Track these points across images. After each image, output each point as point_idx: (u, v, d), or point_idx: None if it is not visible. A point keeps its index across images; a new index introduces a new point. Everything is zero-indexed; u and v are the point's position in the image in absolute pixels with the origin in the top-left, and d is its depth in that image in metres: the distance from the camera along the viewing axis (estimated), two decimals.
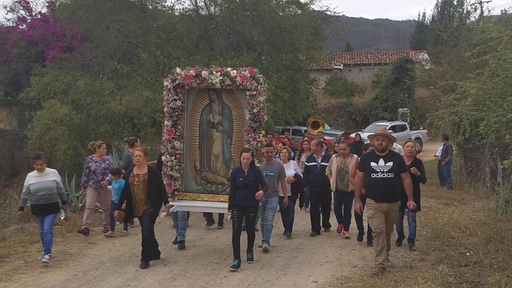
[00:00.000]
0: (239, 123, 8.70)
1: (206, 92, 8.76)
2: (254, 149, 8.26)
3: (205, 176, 8.91)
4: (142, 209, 8.15)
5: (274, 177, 9.04)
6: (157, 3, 26.85)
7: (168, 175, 8.71)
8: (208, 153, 8.89)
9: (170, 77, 8.59)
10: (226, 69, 8.40)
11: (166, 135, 8.73)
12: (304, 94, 28.49)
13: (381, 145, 7.45)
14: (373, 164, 7.42)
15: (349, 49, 52.90)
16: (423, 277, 6.83)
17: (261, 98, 8.32)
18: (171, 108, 8.63)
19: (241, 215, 7.96)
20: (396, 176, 7.38)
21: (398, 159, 7.57)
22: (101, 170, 10.29)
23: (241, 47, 25.18)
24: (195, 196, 8.89)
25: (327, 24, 28.83)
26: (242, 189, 7.90)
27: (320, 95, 36.93)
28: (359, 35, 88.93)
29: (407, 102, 33.74)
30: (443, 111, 12.26)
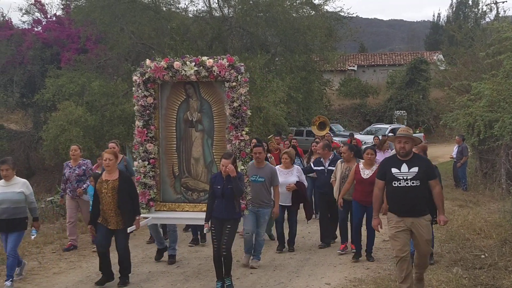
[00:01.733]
0: (220, 120, 7.60)
1: (182, 87, 7.69)
2: (236, 150, 7.21)
3: (185, 183, 7.82)
4: (114, 222, 7.00)
5: (264, 183, 7.96)
6: (171, 5, 27.04)
7: (142, 183, 7.61)
8: (187, 156, 7.81)
9: (139, 70, 7.54)
10: (201, 59, 7.29)
11: (137, 137, 7.62)
12: (317, 95, 28.50)
13: (404, 149, 6.14)
14: (394, 171, 6.14)
15: (363, 50, 52.69)
16: (437, 279, 6.78)
17: (242, 90, 7.18)
18: (142, 106, 7.54)
19: (219, 230, 6.84)
20: (422, 184, 6.07)
21: (425, 163, 6.22)
22: (75, 177, 9.12)
23: (254, 48, 25.24)
24: (175, 206, 7.83)
25: (340, 25, 28.83)
26: (219, 199, 6.81)
27: (334, 96, 36.86)
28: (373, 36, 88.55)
29: (421, 103, 33.56)
30: (457, 112, 12.20)
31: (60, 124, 21.20)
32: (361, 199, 8.17)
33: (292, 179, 8.76)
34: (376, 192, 6.39)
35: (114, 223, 6.98)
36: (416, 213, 6.08)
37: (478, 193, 14.71)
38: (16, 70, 28.00)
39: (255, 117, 19.59)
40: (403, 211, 6.08)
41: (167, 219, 7.94)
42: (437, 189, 6.20)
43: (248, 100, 7.41)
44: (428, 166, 6.25)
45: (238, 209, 6.95)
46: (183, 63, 7.32)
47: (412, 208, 6.05)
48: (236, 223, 6.95)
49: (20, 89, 28.32)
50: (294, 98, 23.37)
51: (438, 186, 6.24)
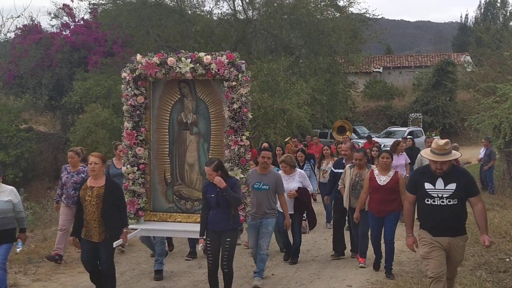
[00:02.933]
0: (218, 123, 6.91)
1: (176, 85, 7.00)
2: (235, 156, 6.55)
3: (178, 191, 7.10)
4: (96, 233, 6.17)
5: (269, 191, 7.28)
6: (196, 8, 27.33)
7: (130, 190, 6.93)
8: (180, 161, 7.10)
9: (129, 66, 6.85)
10: (198, 55, 6.60)
11: (125, 140, 6.91)
12: (342, 97, 28.39)
13: (441, 170, 5.38)
14: (428, 187, 5.40)
15: (389, 52, 52.27)
16: (460, 282, 6.70)
17: (243, 90, 6.48)
18: (131, 106, 6.83)
19: (216, 243, 6.22)
20: (461, 203, 5.37)
21: (465, 178, 5.44)
22: (72, 184, 8.25)
23: (278, 50, 25.32)
24: (166, 216, 7.10)
25: (366, 27, 28.68)
26: (214, 209, 6.18)
27: (359, 98, 36.65)
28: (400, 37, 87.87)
29: (448, 105, 33.15)
30: (483, 114, 12.02)
31: (87, 126, 21.57)
32: (378, 209, 7.48)
33: (293, 185, 8.07)
34: (407, 207, 5.74)
35: (97, 234, 6.15)
36: (453, 232, 5.45)
37: (505, 197, 14.45)
38: (45, 73, 28.55)
39: (279, 118, 19.65)
40: (438, 232, 5.44)
41: (158, 231, 7.17)
42: (479, 207, 5.38)
43: (249, 101, 6.73)
44: (469, 181, 5.46)
45: (237, 219, 6.31)
46: (178, 59, 6.64)
47: (448, 228, 5.42)
48: (235, 235, 6.39)
49: (48, 91, 28.86)
50: (318, 100, 23.34)
51: (480, 203, 5.41)
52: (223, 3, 27.46)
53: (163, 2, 26.21)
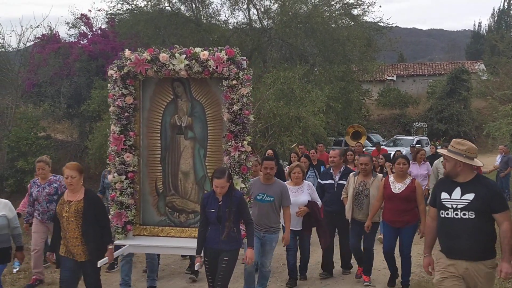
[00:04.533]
0: (216, 126, 6.21)
1: (169, 84, 6.31)
2: (235, 163, 5.84)
3: (171, 202, 6.40)
4: (79, 252, 5.52)
5: (273, 203, 6.61)
6: (211, 17, 27.62)
7: (117, 201, 6.20)
8: (174, 169, 6.38)
9: (116, 63, 6.21)
10: (194, 50, 5.92)
11: (112, 145, 6.17)
12: (356, 105, 28.55)
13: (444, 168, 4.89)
14: (443, 196, 4.70)
15: (402, 60, 52.40)
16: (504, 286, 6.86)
17: (244, 90, 5.79)
18: (119, 107, 6.11)
19: (215, 263, 5.52)
20: (481, 218, 4.50)
21: (488, 189, 4.56)
22: (45, 196, 7.48)
23: (293, 59, 25.56)
24: (158, 230, 6.40)
25: (380, 35, 28.85)
26: (214, 225, 5.44)
27: (373, 106, 36.80)
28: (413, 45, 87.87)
29: (463, 113, 33.17)
30: (500, 121, 12.13)
31: (105, 133, 21.82)
32: (393, 219, 6.94)
33: (303, 198, 7.24)
34: (429, 223, 5.00)
35: (81, 253, 5.50)
36: (472, 255, 4.52)
37: None
38: (63, 82, 28.99)
39: (294, 126, 19.82)
40: (452, 253, 4.63)
41: (148, 248, 6.44)
42: (504, 227, 4.45)
43: (251, 102, 6.03)
44: (493, 193, 4.55)
45: (239, 237, 5.58)
46: (171, 55, 5.94)
47: (465, 249, 4.52)
48: (235, 255, 5.56)
49: (66, 100, 29.28)
50: (333, 108, 23.51)
51: (507, 222, 4.45)
52: (238, 13, 27.80)
53: (179, 11, 26.59)
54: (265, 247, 6.66)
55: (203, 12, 27.57)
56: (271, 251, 6.76)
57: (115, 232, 6.16)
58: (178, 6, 26.73)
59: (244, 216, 5.49)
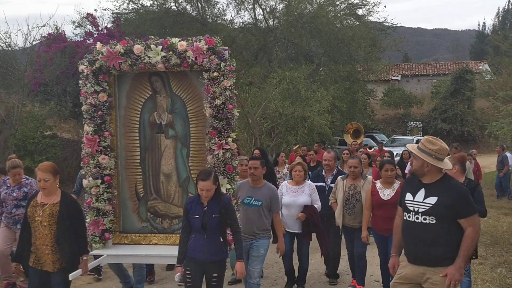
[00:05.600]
0: (198, 123, 5.73)
1: (147, 79, 5.81)
2: (220, 163, 5.37)
3: (153, 207, 5.91)
4: (49, 261, 4.89)
5: (261, 208, 6.04)
6: (217, 17, 27.80)
7: (93, 208, 5.69)
8: (155, 171, 5.88)
9: (87, 57, 5.62)
10: (170, 41, 5.42)
11: (86, 147, 5.64)
12: (361, 105, 28.71)
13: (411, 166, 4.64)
14: (408, 197, 4.48)
15: (407, 60, 52.55)
16: (482, 279, 7.06)
17: (227, 83, 5.32)
18: (92, 106, 5.60)
19: (197, 274, 4.95)
20: (441, 223, 4.23)
21: (453, 194, 4.25)
22: (13, 200, 6.95)
23: (299, 59, 25.73)
24: (140, 238, 5.89)
25: (384, 35, 28.99)
26: (198, 233, 4.89)
27: (378, 106, 36.97)
28: (417, 45, 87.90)
29: (466, 113, 33.30)
30: (502, 121, 12.29)
31: None
32: (385, 227, 6.31)
33: (302, 199, 6.80)
34: (397, 222, 4.73)
35: (50, 263, 4.89)
36: (431, 261, 4.28)
37: None
38: (70, 81, 29.20)
39: (300, 126, 20.02)
40: (412, 257, 4.43)
41: (128, 257, 5.85)
42: (468, 232, 4.20)
43: (235, 96, 5.61)
44: (458, 198, 4.22)
45: (226, 246, 5.02)
46: (146, 46, 5.45)
47: (424, 255, 4.30)
48: (223, 267, 5.03)
49: (72, 99, 29.50)
50: (338, 107, 23.68)
51: (471, 228, 4.20)
52: (244, 12, 27.97)
53: (185, 11, 26.79)
54: (253, 254, 5.98)
55: (208, 11, 27.75)
56: (259, 259, 5.99)
57: (92, 241, 5.67)
58: (184, 6, 26.92)
59: (232, 224, 4.98)
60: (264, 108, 18.12)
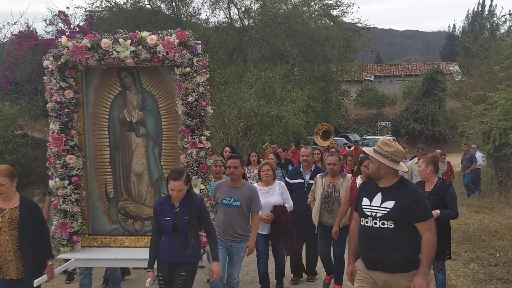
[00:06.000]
0: (171, 120, 5.50)
1: (116, 75, 5.55)
2: (193, 162, 5.16)
3: (124, 208, 5.64)
4: (13, 269, 4.68)
5: (240, 208, 5.79)
6: (192, 15, 27.76)
7: (61, 210, 5.42)
8: (125, 171, 5.62)
9: (52, 52, 5.35)
10: (140, 35, 5.17)
11: (52, 146, 5.37)
12: (335, 105, 29.05)
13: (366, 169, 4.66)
14: (364, 202, 4.30)
15: (379, 61, 53.18)
16: (455, 274, 7.26)
17: (200, 79, 5.08)
18: (57, 103, 5.32)
19: (169, 278, 4.74)
20: (399, 227, 4.08)
21: (410, 197, 4.12)
22: None
23: (274, 59, 25.90)
24: (110, 241, 5.64)
25: (358, 36, 29.36)
26: (169, 235, 4.66)
27: (351, 106, 37.39)
28: (389, 46, 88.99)
29: (437, 113, 33.89)
30: (474, 121, 12.60)
31: None
32: None
33: (274, 200, 6.52)
34: (353, 228, 4.52)
35: (14, 270, 4.68)
36: (390, 267, 4.12)
37: (493, 200, 15.06)
38: (41, 79, 28.49)
39: (275, 125, 20.16)
40: (370, 264, 4.24)
41: (98, 261, 5.61)
42: (426, 236, 4.06)
43: (209, 93, 5.34)
44: (415, 202, 4.11)
45: (198, 248, 4.81)
46: (114, 40, 5.18)
47: (383, 261, 4.13)
48: (194, 269, 4.83)
49: (44, 98, 29.05)
50: (313, 107, 23.92)
51: (429, 232, 4.07)
52: (219, 12, 28.08)
53: (159, 10, 26.70)
54: (232, 258, 5.87)
55: (183, 10, 27.72)
56: (239, 261, 5.97)
57: (59, 245, 5.44)
58: (158, 5, 26.85)
59: (205, 225, 4.77)
60: (240, 108, 18.20)
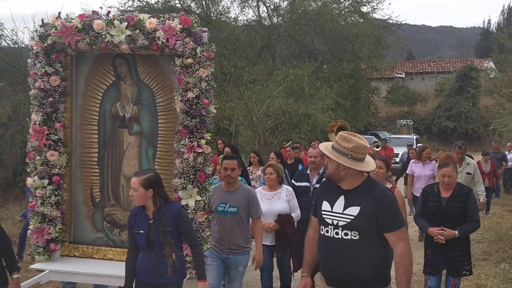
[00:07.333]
0: (169, 119, 4.71)
1: (110, 62, 4.80)
2: (189, 169, 4.37)
3: (110, 215, 4.90)
4: None
5: (237, 215, 5.14)
6: (221, 14, 27.89)
7: (38, 213, 4.71)
8: (114, 172, 4.88)
9: (39, 31, 4.65)
10: (138, 17, 4.41)
11: (32, 140, 4.70)
12: (365, 102, 28.77)
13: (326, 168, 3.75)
14: (325, 207, 3.59)
15: (411, 57, 52.46)
16: (485, 274, 7.11)
17: (203, 73, 4.32)
18: (41, 90, 4.65)
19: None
20: (365, 238, 3.41)
21: (378, 203, 3.41)
22: None
23: (303, 56, 25.82)
24: (93, 251, 4.90)
25: (389, 33, 29.02)
26: (145, 251, 4.00)
27: (382, 104, 36.99)
28: (422, 42, 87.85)
29: (471, 110, 33.27)
30: (507, 118, 12.29)
31: None
32: None
33: (279, 207, 5.75)
34: (310, 235, 3.84)
35: None
36: (354, 285, 3.47)
37: None
38: None
39: (303, 123, 20.07)
40: (331, 279, 3.56)
41: (75, 276, 4.75)
42: (399, 249, 3.39)
43: (213, 90, 4.52)
44: (384, 208, 3.41)
45: (181, 265, 4.09)
46: (109, 22, 4.44)
47: (346, 276, 3.46)
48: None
49: None
50: (342, 105, 23.73)
51: (401, 243, 3.40)
52: (248, 10, 28.05)
53: (189, 8, 26.88)
54: (230, 272, 5.22)
55: (213, 9, 27.87)
56: (239, 277, 5.24)
57: (35, 252, 4.75)
58: (189, 3, 27.04)
59: (187, 237, 4.06)
60: (268, 106, 18.17)
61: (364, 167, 3.48)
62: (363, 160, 3.48)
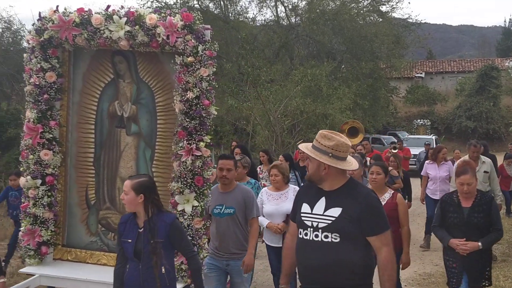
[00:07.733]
0: (168, 119, 4.55)
1: (108, 59, 4.67)
2: (187, 173, 4.19)
3: (105, 218, 4.73)
4: None
5: (234, 216, 4.94)
6: (239, 14, 27.94)
7: (30, 214, 4.57)
8: (111, 174, 4.72)
9: (36, 25, 4.52)
10: (138, 12, 4.30)
11: (26, 138, 4.56)
12: (384, 102, 28.55)
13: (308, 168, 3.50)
14: (304, 209, 3.43)
15: (431, 57, 51.99)
16: (504, 275, 7.02)
17: (205, 72, 4.17)
18: (36, 87, 4.52)
19: None
20: (347, 241, 3.25)
21: (361, 204, 3.27)
22: None
23: (321, 56, 25.72)
24: (86, 255, 4.73)
25: (408, 32, 28.78)
26: (133, 262, 3.68)
27: (401, 104, 36.70)
28: (442, 42, 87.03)
29: (492, 110, 32.85)
30: None
31: None
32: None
33: (287, 206, 5.26)
34: (288, 243, 3.64)
35: None
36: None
37: None
38: None
39: (321, 123, 19.98)
40: (308, 283, 3.41)
41: (65, 281, 4.50)
42: (383, 255, 3.26)
43: (213, 91, 4.32)
44: (367, 209, 3.26)
45: (172, 278, 3.76)
46: (107, 16, 4.32)
47: (326, 282, 3.29)
48: None
49: None
50: (360, 105, 23.58)
51: (386, 248, 3.27)
52: (266, 10, 28.08)
53: (208, 9, 26.97)
54: (233, 280, 4.99)
55: (231, 9, 27.93)
56: (245, 284, 5.00)
57: (26, 255, 4.61)
58: (207, 4, 27.13)
59: (181, 250, 3.82)
60: (286, 106, 18.13)
61: (345, 165, 3.34)
62: (345, 159, 3.34)
